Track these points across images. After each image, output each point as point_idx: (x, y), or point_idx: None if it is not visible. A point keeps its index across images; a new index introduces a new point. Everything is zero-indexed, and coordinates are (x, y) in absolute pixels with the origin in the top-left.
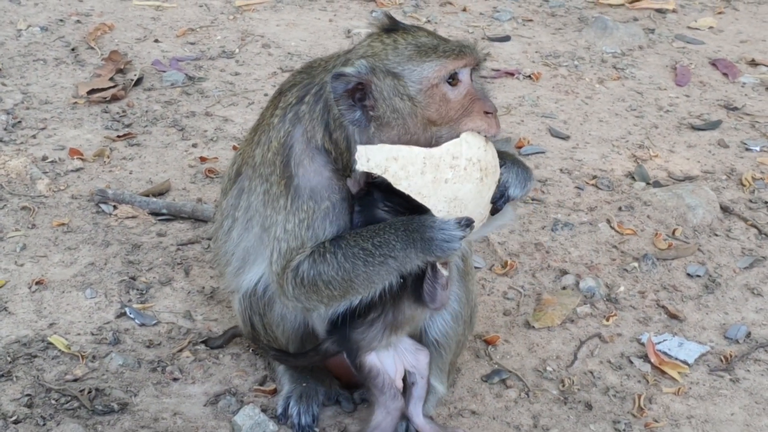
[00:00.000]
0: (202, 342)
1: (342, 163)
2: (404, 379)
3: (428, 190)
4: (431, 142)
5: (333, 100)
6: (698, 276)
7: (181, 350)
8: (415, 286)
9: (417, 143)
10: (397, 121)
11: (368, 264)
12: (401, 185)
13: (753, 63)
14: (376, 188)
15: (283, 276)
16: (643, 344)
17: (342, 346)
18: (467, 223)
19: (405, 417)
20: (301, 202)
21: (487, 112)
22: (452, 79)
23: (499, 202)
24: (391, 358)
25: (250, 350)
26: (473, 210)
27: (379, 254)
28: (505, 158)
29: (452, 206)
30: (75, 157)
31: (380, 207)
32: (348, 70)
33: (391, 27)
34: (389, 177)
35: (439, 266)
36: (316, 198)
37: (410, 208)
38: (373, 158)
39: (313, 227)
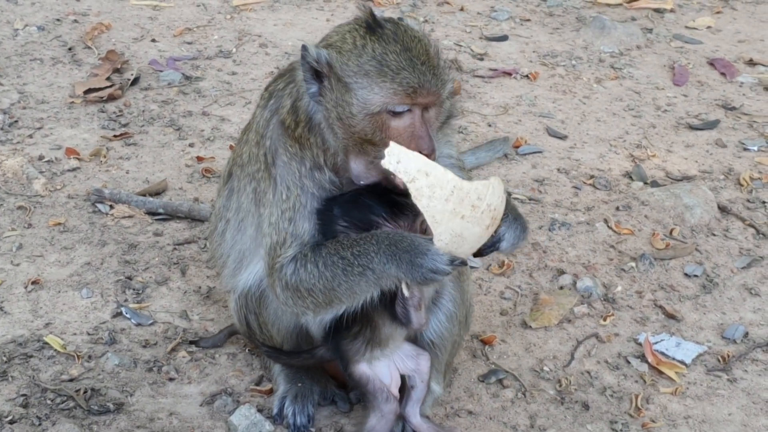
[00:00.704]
0: (192, 342)
1: (301, 142)
2: (403, 380)
3: (442, 218)
4: (368, 157)
5: (300, 66)
6: (696, 276)
7: (173, 350)
8: (389, 306)
9: (354, 152)
10: (338, 124)
11: (347, 273)
12: (421, 202)
13: (751, 62)
14: (336, 203)
15: (272, 276)
16: (640, 344)
17: (335, 353)
18: (459, 264)
19: (402, 417)
20: (280, 192)
21: (422, 153)
22: (398, 111)
23: (486, 250)
24: (385, 367)
25: (247, 350)
26: (467, 251)
27: (358, 264)
28: (507, 212)
29: (454, 241)
30: (71, 156)
31: (338, 223)
32: (312, 51)
33: (373, 26)
34: (413, 189)
35: (403, 286)
36: (291, 186)
37: (366, 228)
38: (404, 162)
39: (294, 220)
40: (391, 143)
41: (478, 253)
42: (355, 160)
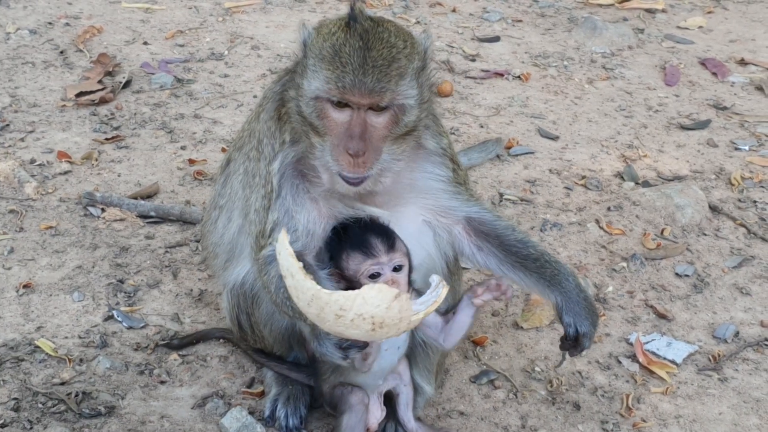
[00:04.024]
0: (164, 345)
1: (281, 120)
2: (390, 392)
3: (314, 319)
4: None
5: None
6: (687, 276)
7: (152, 351)
8: None
9: (307, 142)
10: (295, 103)
11: (297, 318)
12: (293, 298)
13: (742, 62)
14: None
15: (256, 266)
16: (631, 344)
17: (318, 386)
18: (348, 346)
19: (396, 421)
20: (263, 176)
21: (348, 152)
22: (338, 104)
23: (567, 345)
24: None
25: (238, 351)
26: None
27: (301, 318)
28: (570, 300)
29: (339, 335)
30: (63, 160)
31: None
32: (303, 31)
33: (350, 18)
34: (287, 285)
35: None
36: (270, 174)
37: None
38: (281, 258)
39: (270, 210)
40: (282, 231)
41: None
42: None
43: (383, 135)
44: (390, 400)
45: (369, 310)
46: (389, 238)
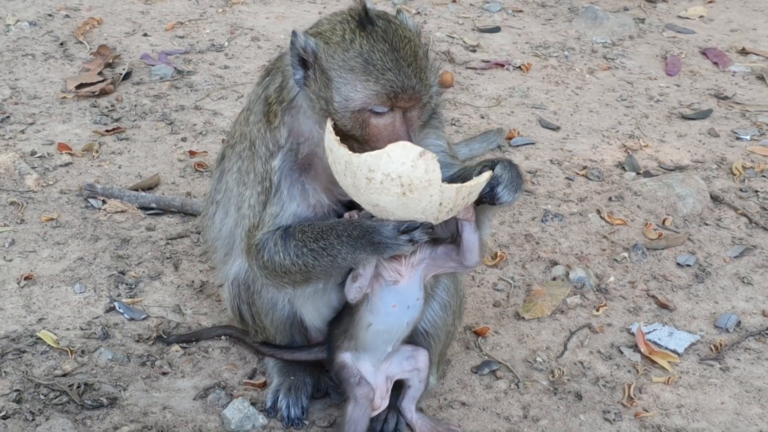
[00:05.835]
0: (159, 338)
1: (270, 121)
2: (399, 381)
3: (351, 192)
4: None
5: (288, 50)
6: (688, 265)
7: (153, 344)
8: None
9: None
10: (321, 114)
11: (319, 260)
12: (335, 176)
13: (743, 52)
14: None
15: (249, 256)
16: (633, 334)
17: (330, 354)
18: (408, 228)
19: (397, 410)
20: (258, 173)
21: None
22: (379, 111)
23: (486, 196)
24: (371, 373)
25: (240, 343)
26: (403, 217)
27: (327, 254)
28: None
29: (376, 210)
30: (64, 151)
31: None
32: (300, 39)
33: (364, 21)
34: (329, 163)
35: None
36: (264, 167)
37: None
38: (326, 138)
39: (267, 203)
40: (329, 119)
41: (479, 201)
42: None
43: (418, 125)
44: (395, 389)
45: (395, 168)
46: None
